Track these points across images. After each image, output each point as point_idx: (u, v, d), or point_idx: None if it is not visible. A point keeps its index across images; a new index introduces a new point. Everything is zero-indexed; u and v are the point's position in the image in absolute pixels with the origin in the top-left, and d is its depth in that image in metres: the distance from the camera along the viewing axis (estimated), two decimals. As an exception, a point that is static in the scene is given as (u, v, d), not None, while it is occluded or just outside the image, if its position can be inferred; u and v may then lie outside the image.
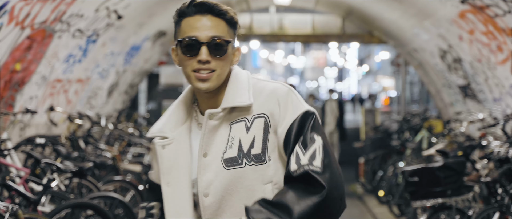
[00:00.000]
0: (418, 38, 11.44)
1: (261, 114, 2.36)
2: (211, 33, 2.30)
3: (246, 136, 2.35)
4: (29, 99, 8.46)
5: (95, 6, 8.42)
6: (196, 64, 2.30)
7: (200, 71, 2.30)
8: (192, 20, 2.31)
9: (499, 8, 7.23)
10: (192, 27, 2.30)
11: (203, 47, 2.29)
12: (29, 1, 6.71)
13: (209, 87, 2.33)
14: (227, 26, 2.34)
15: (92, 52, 9.71)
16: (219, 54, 2.31)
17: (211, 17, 2.31)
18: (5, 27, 6.69)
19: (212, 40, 2.30)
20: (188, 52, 2.30)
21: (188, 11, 2.32)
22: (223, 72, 2.35)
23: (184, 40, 2.30)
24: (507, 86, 8.48)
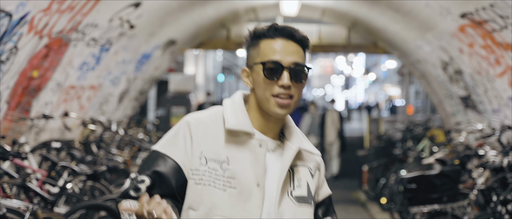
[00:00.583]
0: (421, 50, 11.75)
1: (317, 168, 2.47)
2: (294, 58, 2.30)
3: (312, 182, 2.42)
4: (44, 105, 8.81)
5: (109, 16, 8.77)
6: (278, 88, 2.28)
7: (281, 95, 2.28)
8: (273, 43, 2.31)
9: (496, 24, 7.54)
10: (274, 51, 2.30)
11: (285, 71, 2.28)
12: (48, 11, 7.06)
13: (287, 113, 2.34)
14: (304, 53, 2.36)
15: (104, 60, 10.07)
16: (299, 80, 2.31)
17: (292, 42, 2.31)
18: (25, 36, 7.04)
19: (295, 66, 2.29)
20: (270, 75, 2.28)
21: (268, 33, 2.32)
22: (299, 99, 2.35)
23: (268, 63, 2.28)
24: (506, 98, 8.78)
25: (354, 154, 15.92)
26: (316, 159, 2.46)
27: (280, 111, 2.30)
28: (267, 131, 2.37)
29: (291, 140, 2.38)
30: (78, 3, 7.54)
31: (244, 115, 2.35)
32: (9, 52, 6.95)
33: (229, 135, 2.33)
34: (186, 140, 2.33)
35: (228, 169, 2.29)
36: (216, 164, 2.30)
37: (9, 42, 6.84)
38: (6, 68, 7.11)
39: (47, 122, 8.84)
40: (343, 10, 13.37)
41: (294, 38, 2.31)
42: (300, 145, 2.37)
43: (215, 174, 2.29)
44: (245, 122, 2.33)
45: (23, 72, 7.64)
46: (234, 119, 2.33)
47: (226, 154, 2.31)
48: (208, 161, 2.30)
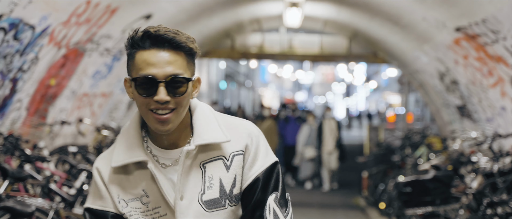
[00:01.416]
0: (419, 61, 12.19)
1: (239, 151, 2.22)
2: (170, 70, 2.07)
3: (227, 175, 2.20)
4: (59, 111, 9.27)
5: (122, 27, 9.24)
6: (154, 103, 2.08)
7: (158, 111, 2.08)
8: (147, 55, 2.07)
9: (488, 37, 7.99)
10: (148, 63, 2.06)
11: (161, 86, 2.06)
12: (67, 24, 7.53)
13: (170, 129, 2.13)
14: (187, 59, 2.12)
15: (116, 68, 10.53)
16: (178, 94, 2.09)
17: (168, 50, 2.07)
18: (45, 47, 7.50)
19: (171, 79, 2.07)
20: (144, 91, 2.08)
21: (142, 43, 2.08)
22: (184, 109, 2.14)
23: (139, 79, 2.07)
24: (498, 107, 9.21)
25: (354, 161, 16.34)
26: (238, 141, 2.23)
27: (162, 128, 2.11)
28: (173, 143, 2.21)
29: (194, 139, 2.19)
30: (94, 16, 8.02)
31: (133, 142, 2.20)
32: (30, 62, 7.42)
33: (133, 167, 2.20)
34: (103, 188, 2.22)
35: (150, 202, 2.19)
36: (136, 202, 2.20)
37: (31, 53, 7.31)
38: (27, 77, 7.58)
39: (61, 127, 9.30)
40: (344, 22, 13.82)
41: (171, 45, 2.07)
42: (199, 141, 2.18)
43: (140, 211, 2.20)
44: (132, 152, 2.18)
45: (42, 81, 8.11)
46: (121, 151, 2.18)
47: (141, 187, 2.19)
48: (128, 203, 2.20)
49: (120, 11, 8.55)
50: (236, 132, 2.24)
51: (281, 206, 2.21)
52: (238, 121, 2.29)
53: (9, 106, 7.56)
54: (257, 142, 2.25)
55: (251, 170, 2.23)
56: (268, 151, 2.27)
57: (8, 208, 5.23)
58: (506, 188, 6.73)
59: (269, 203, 2.20)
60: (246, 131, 2.25)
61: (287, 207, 2.23)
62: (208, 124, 2.22)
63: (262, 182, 2.22)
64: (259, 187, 2.21)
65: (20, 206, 5.26)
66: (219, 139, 2.18)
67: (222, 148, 2.21)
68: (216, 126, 2.22)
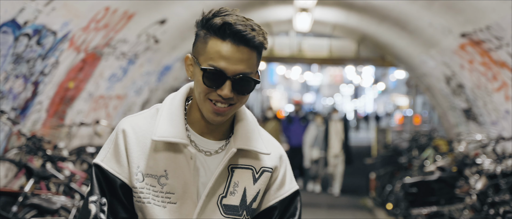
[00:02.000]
0: (426, 65, 12.45)
1: (269, 169, 2.18)
2: (240, 67, 2.01)
3: (252, 187, 2.16)
4: (76, 113, 9.59)
5: (138, 32, 9.55)
6: (216, 96, 2.03)
7: (218, 103, 2.04)
8: (222, 46, 2.00)
9: (492, 43, 8.26)
10: (221, 56, 1.99)
11: (228, 82, 2.01)
12: (87, 29, 7.85)
13: (223, 120, 2.09)
14: (257, 56, 2.06)
15: (131, 71, 10.85)
16: (243, 92, 2.04)
17: (243, 48, 2.00)
18: (65, 51, 7.82)
19: (240, 77, 2.02)
20: (210, 82, 2.02)
21: (219, 32, 2.00)
22: (241, 106, 2.12)
23: (209, 70, 2.00)
24: (503, 111, 9.47)
25: (362, 163, 16.56)
26: (272, 159, 2.20)
27: (215, 118, 2.06)
28: (208, 133, 2.15)
29: (235, 140, 2.14)
30: (112, 22, 8.33)
31: (177, 121, 2.11)
32: (51, 66, 7.74)
33: (165, 144, 2.10)
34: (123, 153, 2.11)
35: (166, 184, 2.10)
36: (153, 179, 2.10)
37: (52, 57, 7.62)
38: (47, 80, 7.89)
39: (79, 128, 9.62)
40: (353, 26, 14.09)
41: (248, 44, 2.00)
42: (242, 145, 2.13)
43: (153, 190, 2.10)
44: (176, 130, 2.09)
45: (62, 84, 8.43)
46: (165, 126, 2.09)
47: (164, 167, 2.10)
48: (145, 177, 2.10)
49: (137, 16, 8.86)
50: (272, 148, 2.20)
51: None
52: (272, 140, 2.26)
53: (31, 108, 7.88)
54: (286, 166, 2.24)
55: (276, 192, 2.20)
56: (292, 178, 2.26)
57: (35, 205, 5.55)
58: (508, 188, 6.99)
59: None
60: (279, 151, 2.23)
61: None
62: (251, 129, 2.16)
63: (282, 208, 2.21)
64: (279, 210, 2.20)
65: (46, 203, 5.58)
66: (260, 150, 2.14)
67: (255, 159, 2.16)
68: (257, 134, 2.17)
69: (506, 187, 7.02)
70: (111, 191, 2.11)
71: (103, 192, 2.10)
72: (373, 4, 10.79)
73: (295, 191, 2.24)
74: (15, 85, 7.12)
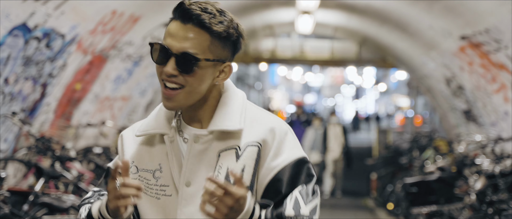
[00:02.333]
0: (426, 66, 12.63)
1: (255, 143, 2.09)
2: (184, 45, 2.00)
3: (235, 165, 2.07)
4: (83, 114, 9.76)
5: (143, 34, 9.73)
6: (164, 75, 2.03)
7: (166, 83, 2.03)
8: (172, 25, 2.03)
9: (491, 46, 8.43)
10: (169, 34, 2.03)
11: (171, 59, 2.00)
12: (94, 32, 8.03)
13: (174, 107, 2.06)
14: (211, 40, 2.01)
15: (136, 73, 11.03)
16: (185, 71, 2.01)
17: (191, 26, 2.00)
18: (73, 54, 8.00)
19: (182, 54, 2.00)
20: (158, 59, 2.04)
21: (174, 13, 2.05)
22: (195, 90, 2.05)
23: (155, 45, 2.05)
24: (501, 112, 9.64)
25: (363, 163, 16.73)
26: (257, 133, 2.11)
27: (166, 103, 2.05)
28: (195, 121, 2.14)
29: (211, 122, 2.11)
30: (119, 25, 8.51)
31: (161, 113, 2.15)
32: (59, 68, 7.92)
33: (157, 140, 2.15)
34: (121, 154, 2.21)
35: (160, 177, 2.12)
36: (148, 173, 2.14)
37: (60, 59, 7.80)
38: (55, 82, 8.07)
39: (85, 129, 9.79)
40: (354, 28, 14.28)
41: (194, 22, 2.00)
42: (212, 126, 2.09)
43: (147, 183, 2.12)
44: (157, 122, 2.14)
45: (69, 85, 8.60)
46: (148, 120, 2.16)
47: (158, 161, 2.13)
48: (140, 170, 2.14)
49: (142, 19, 9.03)
50: (258, 124, 2.12)
51: (305, 196, 2.06)
52: (266, 115, 2.17)
53: (39, 109, 8.05)
54: (282, 137, 2.11)
55: (272, 163, 2.09)
56: (295, 147, 2.13)
57: (46, 204, 5.72)
58: (507, 188, 7.15)
59: (293, 193, 2.07)
60: (270, 125, 2.12)
61: (312, 198, 2.07)
62: (231, 111, 2.11)
63: (289, 176, 2.08)
64: (285, 181, 2.07)
65: (57, 202, 5.76)
66: (231, 127, 2.07)
67: (239, 138, 2.09)
68: (237, 114, 2.11)
69: (504, 187, 7.18)
70: None
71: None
72: (374, 6, 10.97)
73: (298, 158, 2.11)
74: (25, 87, 7.30)
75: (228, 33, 2.03)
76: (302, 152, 2.14)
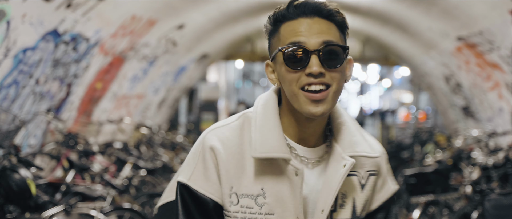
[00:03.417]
0: (426, 65, 13.17)
1: (375, 172, 1.91)
2: (322, 37, 1.76)
3: (361, 195, 1.89)
4: (101, 112, 10.37)
5: (158, 36, 10.33)
6: (306, 78, 1.75)
7: (311, 87, 1.75)
8: (294, 24, 1.78)
9: (485, 47, 9.00)
10: (296, 33, 1.77)
11: (314, 56, 1.75)
12: (115, 36, 8.63)
13: (324, 111, 1.77)
14: (339, 31, 1.82)
15: (150, 72, 11.63)
16: (334, 64, 1.76)
17: (318, 19, 1.78)
18: (96, 56, 8.60)
19: (325, 47, 1.76)
20: (292, 64, 1.76)
21: (288, 14, 1.80)
22: (340, 89, 1.81)
23: (287, 48, 1.76)
24: (497, 108, 10.20)
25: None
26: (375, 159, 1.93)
27: (314, 109, 1.76)
28: (307, 138, 1.87)
29: (341, 144, 1.86)
30: (137, 28, 9.11)
31: (276, 131, 1.83)
32: (83, 69, 8.53)
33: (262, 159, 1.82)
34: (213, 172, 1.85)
35: (265, 204, 1.83)
36: (249, 200, 1.83)
37: (84, 61, 8.41)
38: (79, 82, 8.68)
39: (105, 125, 10.41)
40: (358, 28, 14.79)
41: (321, 13, 1.79)
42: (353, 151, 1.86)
43: (250, 212, 1.83)
44: (277, 144, 1.81)
45: (91, 85, 9.21)
46: (263, 140, 1.81)
47: (261, 185, 1.83)
48: (240, 199, 1.83)
49: (158, 23, 9.63)
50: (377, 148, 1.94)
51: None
52: (371, 136, 1.99)
53: (64, 107, 8.66)
54: (386, 165, 1.97)
55: (379, 194, 1.95)
56: (391, 176, 2.02)
57: (78, 193, 6.33)
58: (499, 179, 7.71)
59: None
60: (381, 150, 1.96)
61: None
62: (352, 131, 1.89)
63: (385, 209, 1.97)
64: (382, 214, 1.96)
65: (88, 191, 6.36)
66: (369, 154, 1.87)
67: (358, 163, 1.88)
68: (359, 135, 1.90)
69: (497, 178, 7.74)
70: (203, 213, 1.86)
71: (190, 215, 1.85)
72: (376, 8, 11.53)
73: (395, 190, 1.99)
74: (53, 87, 7.91)
75: (345, 21, 1.86)
76: (395, 184, 2.02)
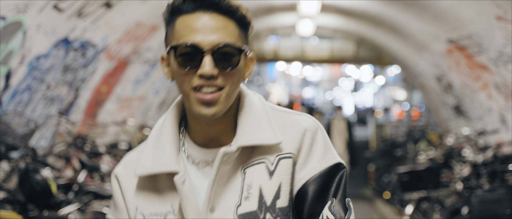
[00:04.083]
0: (418, 65, 13.59)
1: (288, 154, 1.74)
2: (218, 37, 1.65)
3: (269, 182, 1.72)
4: (105, 113, 10.75)
5: (160, 40, 10.72)
6: (198, 79, 1.66)
7: (203, 89, 1.66)
8: (190, 19, 1.67)
9: (474, 49, 9.42)
10: (191, 29, 1.66)
11: (207, 56, 1.64)
12: (121, 41, 9.02)
13: (216, 113, 1.69)
14: (238, 28, 1.71)
15: (152, 75, 12.02)
16: (228, 66, 1.67)
17: (216, 15, 1.67)
18: (102, 61, 8.99)
19: (220, 48, 1.65)
20: (185, 63, 1.66)
21: (184, 7, 1.68)
22: (234, 90, 1.72)
23: (180, 47, 1.67)
24: (486, 108, 10.60)
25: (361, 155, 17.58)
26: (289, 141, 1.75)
27: (206, 111, 1.67)
28: (218, 138, 1.77)
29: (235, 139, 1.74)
30: (141, 34, 9.50)
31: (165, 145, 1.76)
32: (90, 73, 8.91)
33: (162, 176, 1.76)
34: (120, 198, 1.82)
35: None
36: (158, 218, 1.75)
37: (91, 66, 8.79)
38: (86, 86, 9.06)
39: (109, 127, 10.79)
40: (352, 30, 15.18)
41: (219, 9, 1.68)
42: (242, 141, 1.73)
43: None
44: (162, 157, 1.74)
45: (97, 88, 9.59)
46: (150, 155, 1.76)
47: (170, 202, 1.75)
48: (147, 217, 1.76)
49: (160, 28, 10.02)
50: (290, 130, 1.77)
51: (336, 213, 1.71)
52: (294, 116, 1.80)
53: (72, 110, 9.05)
54: (312, 138, 1.76)
55: (300, 173, 1.74)
56: (327, 151, 1.78)
57: (91, 192, 6.72)
58: (488, 175, 8.12)
59: (323, 213, 1.71)
60: (301, 127, 1.76)
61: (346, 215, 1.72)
62: (257, 120, 1.76)
63: (317, 189, 1.72)
64: (312, 196, 1.72)
65: (100, 190, 6.75)
66: (268, 141, 1.72)
67: (268, 150, 1.75)
68: (266, 122, 1.76)
69: (486, 174, 8.15)
70: None
71: None
72: (370, 11, 11.92)
73: (332, 165, 1.75)
74: (62, 91, 8.29)
75: (247, 18, 1.73)
76: (334, 158, 1.78)
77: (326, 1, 11.70)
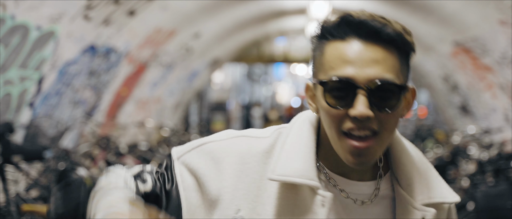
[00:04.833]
0: (426, 66, 13.97)
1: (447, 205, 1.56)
2: (375, 71, 1.38)
3: None
4: (124, 115, 11.19)
5: (176, 44, 11.16)
6: (349, 122, 1.40)
7: (354, 132, 1.40)
8: (342, 47, 1.40)
9: (479, 51, 9.81)
10: (344, 60, 1.39)
11: (361, 95, 1.38)
12: (142, 47, 9.46)
13: (367, 163, 1.45)
14: (399, 60, 1.43)
15: (168, 77, 12.46)
16: (386, 108, 1.41)
17: (375, 45, 1.40)
18: (124, 65, 9.43)
19: (377, 85, 1.39)
20: (336, 101, 1.41)
21: (336, 33, 1.42)
22: (390, 136, 1.45)
23: (330, 82, 1.40)
24: (491, 107, 10.97)
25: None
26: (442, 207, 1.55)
27: (356, 160, 1.43)
28: (350, 171, 1.53)
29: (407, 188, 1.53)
30: (159, 38, 9.94)
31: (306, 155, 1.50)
32: (112, 77, 9.35)
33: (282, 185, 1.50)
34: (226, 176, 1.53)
35: None
36: None
37: (113, 70, 9.23)
38: (108, 89, 9.50)
39: (129, 128, 11.23)
40: (360, 31, 15.58)
41: (379, 37, 1.40)
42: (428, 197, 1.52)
43: None
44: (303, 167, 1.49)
45: (118, 91, 10.04)
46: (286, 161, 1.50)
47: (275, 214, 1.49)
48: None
49: (177, 32, 10.46)
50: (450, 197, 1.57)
51: None
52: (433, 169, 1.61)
53: (94, 112, 9.49)
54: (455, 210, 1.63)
55: None
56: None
57: (119, 189, 7.15)
58: (493, 172, 8.47)
59: None
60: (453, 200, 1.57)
61: None
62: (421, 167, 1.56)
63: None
64: None
65: (127, 188, 7.18)
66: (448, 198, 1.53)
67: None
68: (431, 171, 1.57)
69: (491, 171, 8.51)
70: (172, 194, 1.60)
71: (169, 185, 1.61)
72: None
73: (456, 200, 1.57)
74: (87, 95, 8.73)
75: (412, 45, 1.50)
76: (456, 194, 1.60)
77: (336, 3, 12.09)
